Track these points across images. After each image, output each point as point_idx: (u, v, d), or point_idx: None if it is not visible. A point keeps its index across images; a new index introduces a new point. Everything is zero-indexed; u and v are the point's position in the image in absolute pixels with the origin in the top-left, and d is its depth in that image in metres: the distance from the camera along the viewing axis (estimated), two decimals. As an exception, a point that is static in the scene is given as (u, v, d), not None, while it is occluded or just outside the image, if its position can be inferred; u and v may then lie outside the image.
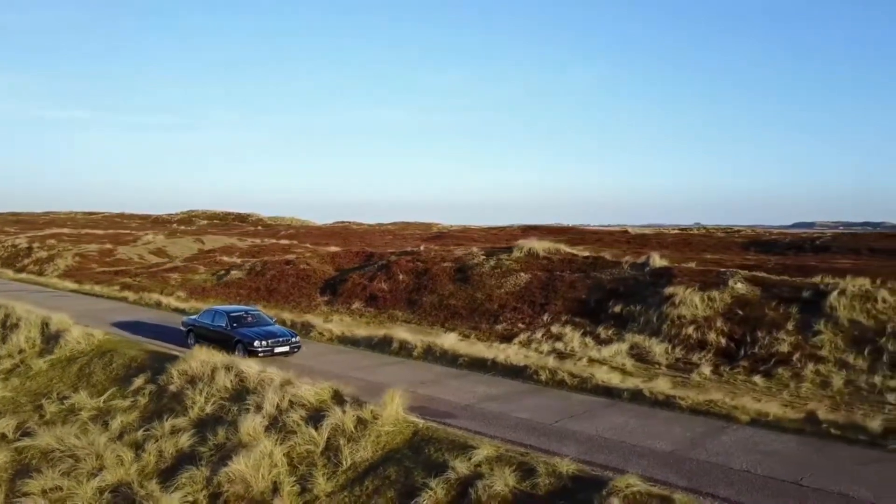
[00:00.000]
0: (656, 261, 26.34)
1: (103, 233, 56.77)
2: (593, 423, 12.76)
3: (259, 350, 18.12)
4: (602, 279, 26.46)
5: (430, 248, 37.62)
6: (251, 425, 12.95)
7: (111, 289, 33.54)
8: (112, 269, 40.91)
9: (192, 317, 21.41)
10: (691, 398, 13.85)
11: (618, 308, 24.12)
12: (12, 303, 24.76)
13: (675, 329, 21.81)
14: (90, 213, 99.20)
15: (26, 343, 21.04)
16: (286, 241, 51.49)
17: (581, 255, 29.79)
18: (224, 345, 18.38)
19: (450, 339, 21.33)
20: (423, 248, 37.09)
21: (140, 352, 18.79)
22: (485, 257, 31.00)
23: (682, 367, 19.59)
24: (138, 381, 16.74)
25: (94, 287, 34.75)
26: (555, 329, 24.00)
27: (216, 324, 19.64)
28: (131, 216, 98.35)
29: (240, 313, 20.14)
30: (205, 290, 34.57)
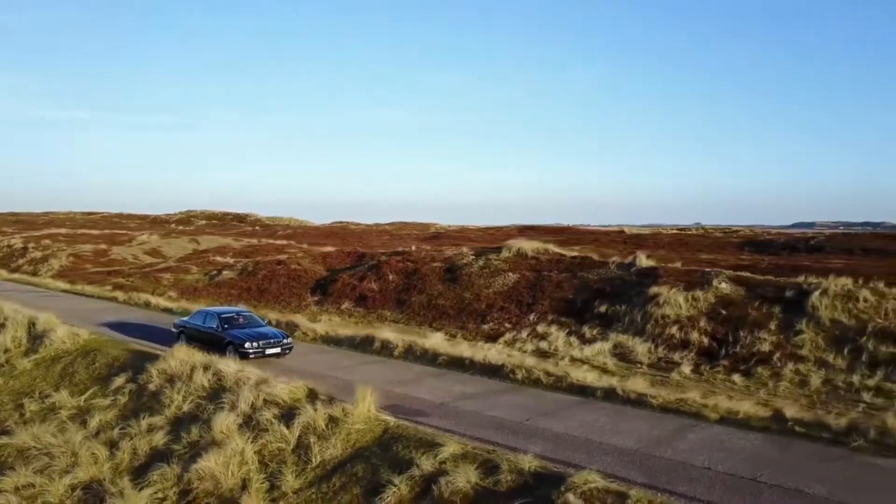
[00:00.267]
0: (642, 261, 26.41)
1: (98, 233, 56.95)
2: (563, 421, 12.84)
3: (250, 352, 17.87)
4: (589, 279, 26.54)
5: (421, 248, 37.72)
6: (224, 423, 13.05)
7: (103, 289, 33.69)
8: (106, 270, 41.06)
9: (184, 318, 21.22)
10: (663, 396, 13.93)
11: (603, 308, 24.21)
12: (1, 302, 24.89)
13: (659, 329, 21.89)
14: (89, 214, 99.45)
15: (12, 343, 21.15)
16: (281, 242, 51.61)
17: (569, 255, 29.87)
18: (215, 346, 18.22)
19: (435, 339, 21.42)
20: (414, 248, 37.18)
21: (123, 351, 18.90)
22: (474, 257, 31.08)
23: (664, 367, 19.66)
24: (119, 381, 16.85)
25: (86, 287, 34.89)
26: (540, 329, 24.09)
27: (207, 325, 19.41)
28: (130, 216, 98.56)
29: (231, 315, 19.90)
30: (196, 291, 34.70)
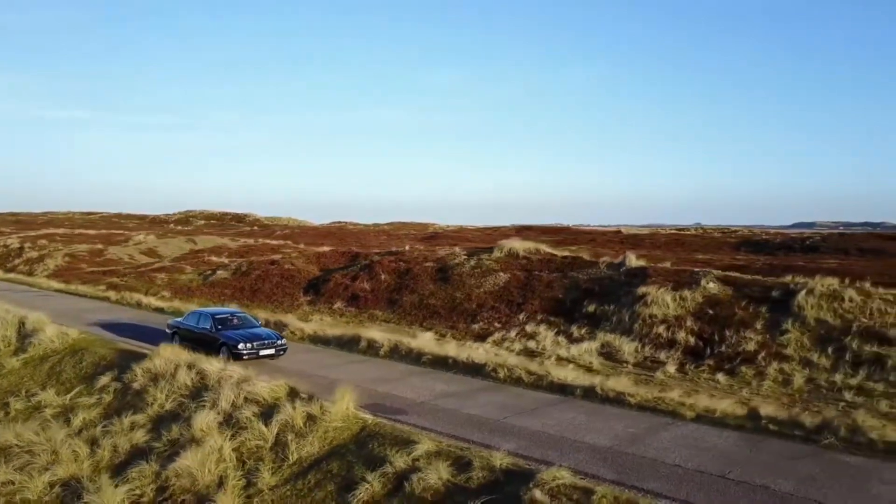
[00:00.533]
0: (632, 261, 26.47)
1: (95, 233, 57.09)
2: (540, 419, 12.91)
3: (244, 353, 17.64)
4: (579, 279, 26.61)
5: (414, 247, 37.81)
6: (204, 421, 13.14)
7: (96, 289, 33.80)
8: (101, 269, 41.17)
9: (178, 319, 21.04)
10: (641, 395, 14.00)
11: (592, 307, 24.28)
12: (-7, 302, 25.01)
13: (647, 328, 21.96)
14: (88, 214, 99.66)
15: (2, 342, 21.27)
16: (277, 242, 51.71)
17: (560, 255, 29.94)
18: (209, 348, 18.08)
19: (424, 339, 21.49)
20: (407, 248, 37.27)
21: (110, 350, 18.99)
22: (466, 257, 31.16)
23: (649, 366, 19.73)
24: (104, 379, 16.94)
25: (80, 287, 35.00)
26: (529, 328, 24.16)
27: (201, 326, 19.23)
28: (129, 216, 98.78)
29: (225, 315, 19.72)
30: (190, 290, 34.79)
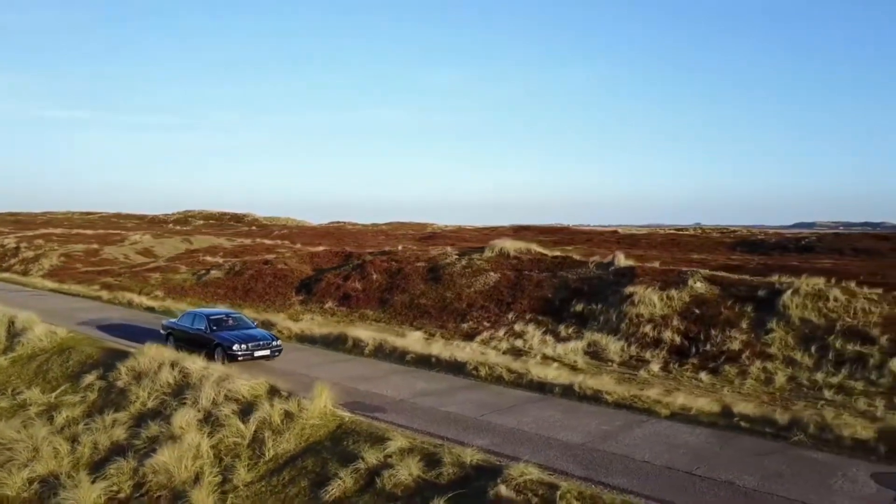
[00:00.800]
0: (621, 260, 26.56)
1: (92, 233, 57.25)
2: (517, 416, 13.01)
3: (239, 354, 17.46)
4: (568, 278, 26.70)
5: (407, 247, 37.91)
6: (184, 419, 13.25)
7: (90, 288, 33.94)
8: (96, 269, 41.32)
9: (172, 320, 20.98)
10: (618, 393, 14.09)
11: (580, 307, 24.37)
12: (-16, 302, 25.14)
13: (633, 327, 22.05)
14: (87, 214, 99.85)
15: (-9, 341, 21.37)
16: (272, 242, 51.84)
17: (550, 254, 30.04)
18: (204, 349, 17.98)
19: (412, 338, 21.60)
20: (400, 248, 37.37)
21: (97, 349, 19.10)
22: (457, 257, 31.27)
23: (634, 365, 19.82)
24: (90, 378, 17.06)
25: (74, 286, 35.14)
26: (518, 327, 24.25)
27: (196, 327, 19.08)
28: (128, 216, 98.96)
29: (220, 316, 19.55)
30: (183, 290, 34.92)
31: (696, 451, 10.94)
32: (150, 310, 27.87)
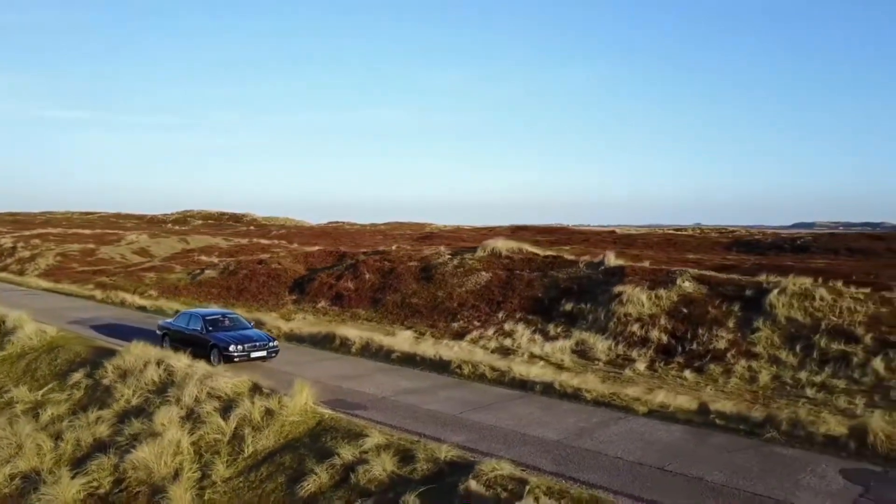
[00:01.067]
0: (611, 260, 26.64)
1: (90, 233, 57.41)
2: (496, 413, 13.10)
3: (235, 355, 17.29)
4: (558, 278, 26.79)
5: (401, 247, 38.01)
6: (166, 416, 13.35)
7: (84, 288, 34.07)
8: (92, 269, 41.46)
9: (168, 320, 20.79)
10: (598, 391, 14.17)
11: (569, 306, 24.46)
12: (-23, 301, 25.26)
13: (621, 326, 22.12)
14: (86, 214, 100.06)
15: (-19, 340, 21.48)
16: (269, 241, 51.95)
17: (542, 254, 30.12)
18: (199, 349, 17.80)
19: (402, 337, 21.68)
20: (394, 247, 37.46)
21: (86, 348, 19.22)
22: (450, 257, 31.37)
23: (620, 364, 19.90)
24: (77, 376, 17.18)
25: (69, 286, 35.28)
26: (507, 326, 24.34)
27: (191, 327, 18.88)
28: (127, 216, 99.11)
29: (216, 317, 19.33)
30: (177, 290, 35.04)
31: (670, 447, 11.03)
32: (142, 309, 27.99)
